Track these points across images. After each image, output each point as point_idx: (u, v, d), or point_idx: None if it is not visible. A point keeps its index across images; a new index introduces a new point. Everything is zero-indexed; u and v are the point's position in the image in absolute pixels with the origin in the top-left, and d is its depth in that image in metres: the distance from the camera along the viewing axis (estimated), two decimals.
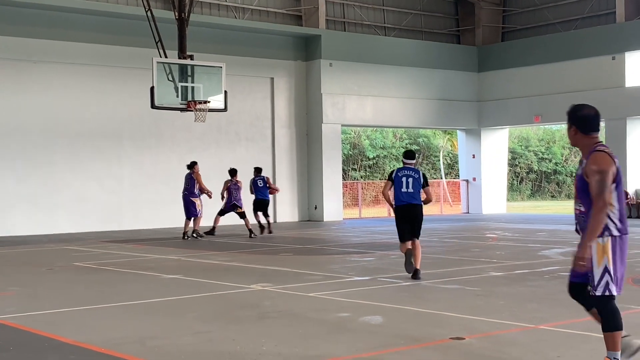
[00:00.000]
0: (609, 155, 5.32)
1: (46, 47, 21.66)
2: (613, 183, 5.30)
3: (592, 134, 5.47)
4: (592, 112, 5.50)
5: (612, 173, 5.27)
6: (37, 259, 14.87)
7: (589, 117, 5.49)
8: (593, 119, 5.49)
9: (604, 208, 5.25)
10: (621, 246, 5.38)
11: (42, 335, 7.32)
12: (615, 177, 5.31)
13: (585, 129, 5.48)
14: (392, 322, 7.77)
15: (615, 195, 5.34)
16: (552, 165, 50.64)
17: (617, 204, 5.35)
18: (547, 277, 11.02)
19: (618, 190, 5.36)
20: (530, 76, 28.66)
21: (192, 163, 19.11)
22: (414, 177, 11.05)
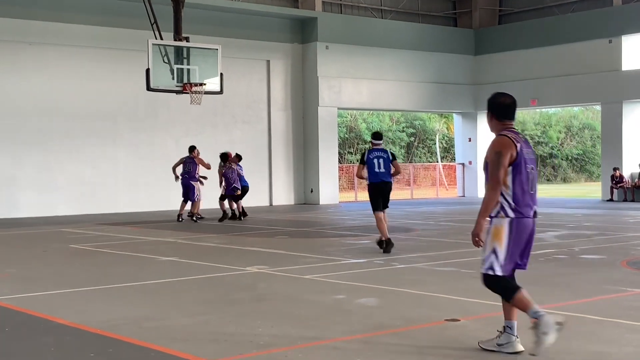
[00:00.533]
0: (510, 139, 5.60)
1: (42, 29, 21.55)
2: (511, 166, 5.54)
3: (506, 121, 5.77)
4: (508, 100, 5.80)
5: (508, 155, 5.53)
6: (33, 241, 14.86)
7: (504, 105, 5.80)
8: (507, 107, 5.79)
9: (496, 186, 5.53)
10: (517, 228, 5.58)
11: (38, 317, 7.33)
12: (514, 160, 5.54)
13: (500, 116, 5.79)
14: (388, 304, 7.79)
15: (515, 178, 5.55)
16: (547, 149, 50.68)
17: (515, 186, 5.56)
18: (542, 259, 11.05)
19: (519, 173, 5.56)
20: (527, 59, 28.61)
21: (191, 147, 19.10)
22: (383, 157, 12.29)
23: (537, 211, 5.75)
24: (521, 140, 5.66)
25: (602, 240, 13.77)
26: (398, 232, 15.60)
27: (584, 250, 12.18)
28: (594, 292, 8.39)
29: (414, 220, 18.80)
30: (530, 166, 5.64)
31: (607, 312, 7.18)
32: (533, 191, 5.68)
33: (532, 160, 5.71)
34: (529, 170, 5.62)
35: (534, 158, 5.80)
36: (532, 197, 5.68)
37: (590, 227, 16.24)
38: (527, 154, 5.63)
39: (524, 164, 5.59)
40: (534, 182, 5.71)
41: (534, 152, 5.83)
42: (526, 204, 5.62)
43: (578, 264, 10.66)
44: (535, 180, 5.72)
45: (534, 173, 5.69)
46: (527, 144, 5.72)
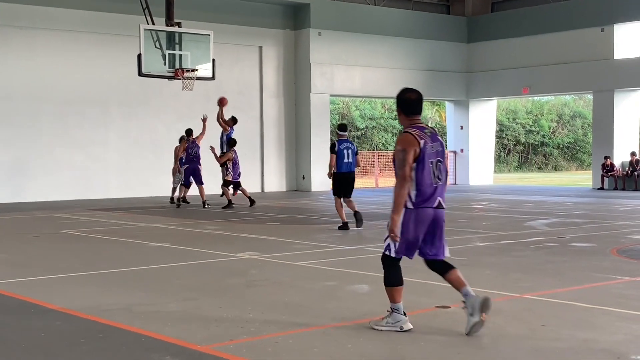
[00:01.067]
0: (414, 136, 5.85)
1: (32, 13, 21.41)
2: (415, 162, 5.80)
3: (412, 116, 6.04)
4: (414, 96, 6.08)
5: (412, 152, 5.79)
6: (23, 226, 14.82)
7: (410, 101, 6.07)
8: (414, 103, 6.06)
9: (403, 182, 5.81)
10: (415, 218, 5.88)
11: (28, 302, 7.32)
12: (418, 156, 5.81)
13: (407, 111, 6.06)
14: (379, 291, 7.78)
15: (418, 173, 5.83)
16: (539, 138, 50.78)
17: (419, 180, 5.84)
18: (533, 247, 11.09)
19: (423, 168, 5.83)
20: (519, 47, 28.61)
21: (189, 130, 19.11)
22: (351, 149, 13.46)
23: (442, 202, 5.96)
24: (425, 136, 5.89)
25: (592, 228, 13.83)
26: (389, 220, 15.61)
27: (574, 238, 12.23)
28: (584, 279, 8.43)
29: None
30: (434, 160, 5.89)
31: (596, 300, 7.21)
32: (436, 184, 5.91)
33: (439, 154, 5.94)
34: (433, 164, 5.88)
35: (442, 151, 6.00)
36: (437, 189, 5.91)
37: (580, 215, 16.31)
38: (430, 149, 5.87)
39: (427, 159, 5.84)
40: (442, 174, 5.95)
41: (441, 145, 6.02)
42: (429, 196, 5.88)
43: (568, 251, 10.70)
44: (442, 172, 5.95)
45: (440, 165, 5.93)
46: (433, 137, 5.94)
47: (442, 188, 5.95)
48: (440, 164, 5.94)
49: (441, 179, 5.94)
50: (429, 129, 6.02)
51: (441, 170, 5.94)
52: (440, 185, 5.93)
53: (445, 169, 6.04)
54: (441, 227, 6.01)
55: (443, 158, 5.99)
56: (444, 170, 5.98)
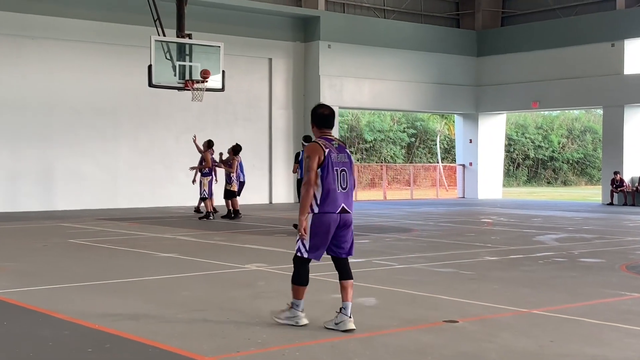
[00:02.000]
0: (320, 145, 6.43)
1: (45, 23, 21.55)
2: (319, 168, 6.37)
3: (323, 129, 6.60)
4: (327, 111, 6.62)
5: (316, 159, 6.37)
6: (33, 235, 14.86)
7: (323, 115, 6.61)
8: (325, 117, 6.60)
9: (308, 186, 6.37)
10: (320, 222, 6.44)
11: (37, 311, 7.33)
12: (322, 163, 6.37)
13: (319, 125, 6.61)
14: (386, 304, 7.79)
15: (322, 179, 6.38)
16: (548, 152, 50.66)
17: (323, 185, 6.39)
18: (542, 262, 11.05)
19: (327, 174, 6.39)
20: (529, 62, 28.60)
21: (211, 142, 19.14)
22: None
23: (346, 208, 6.50)
24: (332, 146, 6.47)
25: (601, 244, 13.77)
26: (397, 233, 15.61)
27: (583, 253, 12.17)
28: (593, 295, 8.38)
29: (413, 221, 18.79)
30: (338, 168, 6.45)
31: (605, 316, 7.17)
32: (340, 190, 6.46)
33: (344, 164, 6.51)
34: (338, 172, 6.44)
35: (348, 162, 6.56)
36: (341, 195, 6.47)
37: (589, 231, 16.24)
38: (336, 158, 6.45)
39: (331, 166, 6.40)
40: (347, 182, 6.51)
41: (348, 157, 6.59)
42: (332, 202, 6.43)
43: (577, 267, 10.65)
44: (346, 180, 6.51)
45: (345, 174, 6.49)
46: (340, 149, 6.53)
47: (346, 195, 6.52)
48: (345, 173, 6.51)
49: (346, 187, 6.50)
50: (336, 141, 6.59)
51: (346, 179, 6.50)
52: (344, 193, 6.49)
53: (353, 178, 6.59)
54: (348, 228, 6.57)
55: (349, 169, 6.55)
56: (350, 179, 6.53)
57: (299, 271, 6.64)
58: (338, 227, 6.51)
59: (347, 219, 6.56)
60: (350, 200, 6.59)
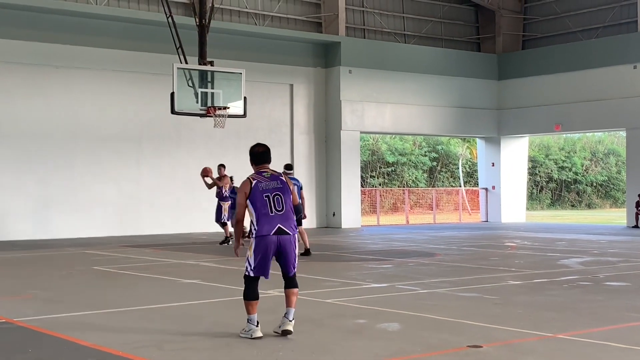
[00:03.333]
0: (249, 179, 7.26)
1: (68, 53, 21.86)
2: (248, 199, 7.17)
3: (259, 165, 7.43)
4: (261, 149, 7.48)
5: (243, 193, 7.22)
6: (57, 262, 14.97)
7: (257, 153, 7.47)
8: (259, 155, 7.46)
9: (237, 221, 7.29)
10: (258, 245, 7.18)
11: (61, 338, 7.37)
12: (249, 195, 7.17)
13: (254, 161, 7.47)
14: (410, 329, 7.75)
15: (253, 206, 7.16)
16: (572, 175, 50.35)
17: (255, 212, 7.16)
18: (566, 286, 10.95)
19: (256, 202, 7.15)
20: (550, 84, 28.53)
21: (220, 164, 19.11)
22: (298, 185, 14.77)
23: (283, 228, 7.16)
24: (261, 177, 7.25)
25: (626, 267, 13.62)
26: (420, 257, 15.55)
27: (609, 277, 12.05)
28: (619, 319, 8.29)
29: (436, 245, 18.71)
30: (270, 194, 7.17)
31: (631, 340, 7.09)
32: (274, 213, 7.14)
33: (278, 189, 7.21)
34: (269, 198, 7.16)
35: (282, 187, 7.25)
36: (277, 217, 7.15)
37: (614, 254, 16.07)
38: (265, 186, 7.19)
39: (259, 193, 7.16)
40: (282, 205, 7.18)
41: (281, 182, 7.29)
42: (266, 224, 7.14)
43: (602, 291, 10.54)
44: (282, 203, 7.18)
45: (278, 198, 7.18)
46: (272, 177, 7.27)
47: (283, 217, 7.17)
48: (280, 197, 7.19)
49: (281, 210, 7.17)
50: (269, 172, 7.34)
51: (281, 202, 7.18)
52: (280, 215, 7.16)
53: (289, 201, 7.25)
54: (287, 250, 7.22)
55: (283, 193, 7.22)
56: (286, 202, 7.21)
57: (247, 288, 7.35)
58: (282, 248, 7.21)
59: (287, 240, 7.21)
60: (290, 220, 7.24)
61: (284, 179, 7.35)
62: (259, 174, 7.31)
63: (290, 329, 7.23)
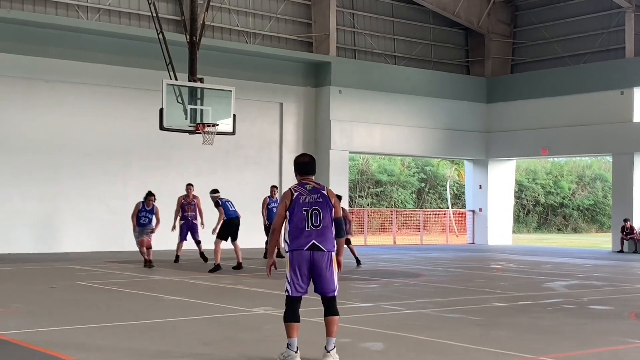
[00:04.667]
0: (290, 190, 7.03)
1: (58, 67, 21.84)
2: (288, 210, 6.93)
3: (303, 175, 7.19)
4: (306, 159, 7.25)
5: (284, 203, 6.97)
6: (40, 277, 14.88)
7: (301, 163, 7.22)
8: (304, 165, 7.21)
9: (272, 230, 7.08)
10: (291, 259, 6.92)
11: (43, 352, 7.32)
12: (289, 206, 6.92)
13: (298, 172, 7.23)
14: (394, 349, 7.74)
15: (290, 219, 6.92)
16: (559, 199, 50.54)
17: (291, 225, 6.91)
18: (550, 309, 10.97)
19: (294, 215, 6.91)
20: (538, 109, 28.73)
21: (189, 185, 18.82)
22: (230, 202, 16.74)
23: (317, 244, 6.87)
24: (302, 189, 7.01)
25: (610, 291, 13.66)
26: (407, 278, 15.55)
27: (593, 300, 12.08)
28: (601, 343, 8.31)
29: (422, 266, 18.72)
30: (308, 208, 6.90)
31: None
32: (310, 228, 6.88)
33: (317, 203, 6.95)
34: (307, 212, 6.89)
35: (321, 201, 6.97)
36: (313, 232, 6.87)
37: (599, 278, 16.13)
38: (305, 200, 6.93)
39: (298, 207, 6.90)
40: (320, 220, 6.90)
41: (323, 196, 7.01)
42: (300, 239, 6.87)
43: (586, 314, 10.57)
44: (319, 218, 6.90)
45: (316, 213, 6.91)
46: (313, 191, 7.00)
47: (319, 232, 6.89)
48: (318, 212, 6.92)
49: (318, 225, 6.89)
50: (311, 184, 7.08)
51: (319, 217, 6.90)
52: (317, 230, 6.88)
53: (327, 216, 6.95)
54: (320, 266, 6.89)
55: (323, 208, 6.94)
56: (324, 217, 6.91)
57: (286, 309, 7.01)
58: (314, 265, 6.89)
59: (320, 256, 6.89)
60: (327, 237, 6.93)
61: (325, 193, 7.04)
62: (301, 186, 7.06)
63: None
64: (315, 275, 6.93)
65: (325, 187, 7.18)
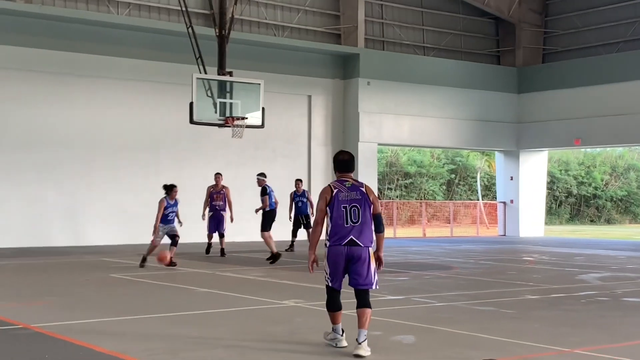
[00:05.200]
0: (330, 186, 7.27)
1: (90, 62, 22.03)
2: (328, 206, 7.16)
3: (341, 172, 7.42)
4: (346, 157, 7.47)
5: (324, 199, 7.20)
6: (74, 269, 15.05)
7: (340, 161, 7.45)
8: (342, 162, 7.44)
9: (314, 225, 7.34)
10: (329, 253, 7.18)
11: (77, 344, 7.41)
12: (329, 202, 7.16)
13: (336, 169, 7.47)
14: (425, 342, 7.71)
15: (331, 215, 7.16)
16: (591, 190, 49.97)
17: (332, 221, 7.16)
18: (584, 301, 10.86)
19: (334, 212, 7.15)
20: (571, 98, 28.38)
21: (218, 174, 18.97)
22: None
23: (355, 240, 7.10)
24: (341, 186, 7.23)
25: None
26: (437, 270, 15.48)
27: (627, 292, 11.94)
28: (636, 335, 8.21)
29: (453, 258, 18.63)
30: (347, 205, 7.13)
31: None
32: (349, 224, 7.11)
33: (355, 200, 7.17)
34: (346, 209, 7.13)
35: (360, 198, 7.19)
36: (351, 228, 7.11)
37: (633, 270, 15.93)
38: (344, 197, 7.16)
39: (337, 204, 7.13)
40: (358, 217, 7.12)
41: (361, 194, 7.21)
42: (340, 235, 7.11)
43: (620, 306, 10.45)
44: (358, 215, 7.12)
45: (355, 210, 7.14)
46: (352, 188, 7.22)
47: (358, 229, 7.12)
48: (357, 209, 7.15)
49: (357, 221, 7.12)
50: (350, 181, 7.31)
51: (357, 214, 7.14)
52: (355, 226, 7.12)
53: (366, 213, 7.16)
54: (357, 260, 7.11)
55: (361, 205, 7.16)
56: (363, 214, 7.14)
57: (328, 299, 7.33)
58: (351, 260, 7.12)
59: (357, 251, 7.12)
60: (365, 233, 7.15)
61: (364, 190, 7.26)
62: (340, 183, 7.30)
63: (360, 353, 6.90)
64: (350, 269, 7.15)
65: (364, 184, 7.36)
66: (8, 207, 21.05)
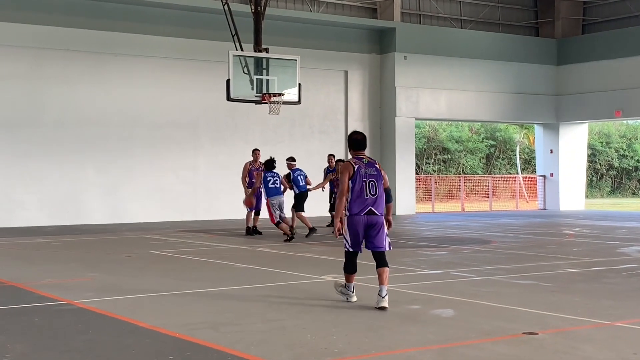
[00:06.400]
0: (350, 163, 8.21)
1: (127, 41, 22.21)
2: (350, 180, 8.08)
3: (356, 150, 8.39)
4: (359, 137, 8.44)
5: (347, 174, 8.12)
6: (116, 246, 15.29)
7: (354, 140, 8.40)
8: (357, 142, 8.40)
9: (341, 195, 8.15)
10: (350, 222, 8.16)
11: (120, 319, 7.54)
12: (351, 177, 8.09)
13: (352, 147, 8.43)
14: (464, 316, 7.71)
15: (352, 188, 8.08)
16: (633, 162, 49.19)
17: (352, 194, 8.09)
18: (625, 274, 10.75)
19: (354, 185, 8.08)
20: (611, 70, 27.87)
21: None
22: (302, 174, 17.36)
23: (373, 210, 8.10)
24: (361, 163, 8.17)
25: None
26: (476, 244, 15.42)
27: None
28: None
29: (492, 233, 18.53)
30: (366, 180, 8.10)
31: None
32: (368, 196, 8.08)
33: (373, 176, 8.15)
34: (366, 182, 8.09)
35: (376, 174, 8.18)
36: (370, 200, 8.10)
37: None
38: (364, 172, 8.13)
39: (359, 178, 8.10)
40: (376, 190, 8.12)
41: (376, 170, 8.22)
42: (360, 206, 8.10)
43: None
44: (375, 188, 8.12)
45: (373, 184, 8.12)
46: (369, 165, 8.20)
47: (375, 200, 8.13)
48: (375, 183, 8.14)
49: (375, 194, 8.12)
50: (366, 158, 8.26)
51: (375, 187, 8.13)
52: (374, 198, 8.12)
53: (381, 187, 8.16)
54: (375, 227, 8.14)
55: (377, 180, 8.16)
56: (379, 187, 8.15)
57: (346, 262, 8.38)
58: (369, 226, 8.13)
59: (374, 220, 8.14)
60: (380, 204, 8.16)
61: (378, 167, 8.26)
62: (358, 160, 8.23)
63: (384, 305, 7.89)
64: (368, 234, 8.16)
65: (376, 161, 8.41)
66: (48, 185, 21.43)
